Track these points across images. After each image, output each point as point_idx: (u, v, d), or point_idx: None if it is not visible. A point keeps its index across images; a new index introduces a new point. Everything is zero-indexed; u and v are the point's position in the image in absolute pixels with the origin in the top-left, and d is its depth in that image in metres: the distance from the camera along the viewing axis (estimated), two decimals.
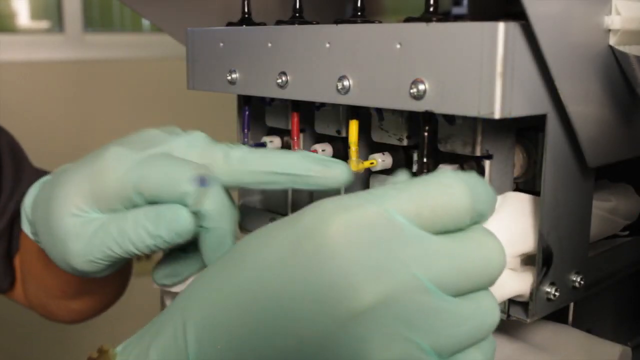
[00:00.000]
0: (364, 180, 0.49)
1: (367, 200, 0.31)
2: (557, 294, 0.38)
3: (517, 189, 0.44)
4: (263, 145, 0.54)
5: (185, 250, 0.48)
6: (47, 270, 0.68)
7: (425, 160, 0.40)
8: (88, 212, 0.44)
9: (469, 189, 0.32)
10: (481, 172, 0.40)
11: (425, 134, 0.39)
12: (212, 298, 0.33)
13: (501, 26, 0.33)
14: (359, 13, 0.43)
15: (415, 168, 0.45)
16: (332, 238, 0.30)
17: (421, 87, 0.36)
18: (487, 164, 0.40)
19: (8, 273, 0.73)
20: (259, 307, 0.31)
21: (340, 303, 0.30)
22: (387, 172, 0.46)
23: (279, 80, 0.44)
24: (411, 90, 0.36)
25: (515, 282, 0.38)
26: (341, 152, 0.50)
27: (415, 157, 0.45)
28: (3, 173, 0.72)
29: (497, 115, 0.33)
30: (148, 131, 0.47)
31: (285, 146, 0.55)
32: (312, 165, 0.42)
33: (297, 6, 0.48)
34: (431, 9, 0.38)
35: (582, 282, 0.40)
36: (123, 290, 0.75)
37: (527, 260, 0.40)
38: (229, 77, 0.49)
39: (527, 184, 0.44)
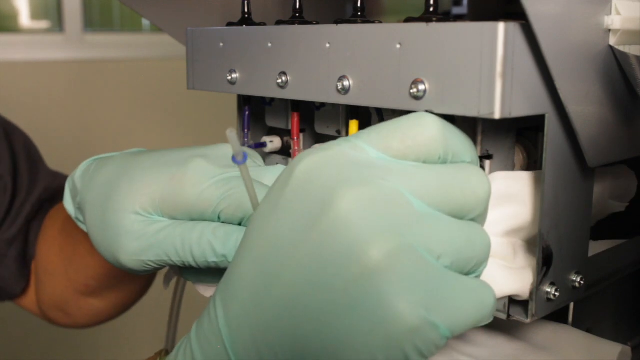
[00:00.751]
0: None
1: (340, 140, 0.32)
2: (557, 294, 0.38)
3: None
4: (263, 145, 0.54)
5: None
6: (71, 265, 0.68)
7: None
8: (152, 214, 0.44)
9: (440, 122, 0.32)
10: None
11: None
12: (235, 271, 0.34)
13: (501, 26, 0.33)
14: (359, 13, 0.43)
15: None
16: (302, 171, 0.32)
17: (421, 87, 0.36)
18: (487, 164, 0.40)
19: (22, 276, 0.72)
20: (267, 256, 0.32)
21: (324, 213, 0.30)
22: None
23: (279, 80, 0.44)
24: (411, 90, 0.36)
25: (513, 281, 0.38)
26: None
27: None
28: (19, 175, 0.71)
29: (497, 115, 0.33)
30: (228, 147, 0.47)
31: (286, 146, 0.55)
32: None
33: (297, 6, 0.48)
34: (431, 9, 0.38)
35: (582, 282, 0.40)
36: (146, 290, 0.75)
37: (525, 247, 0.39)
38: (229, 77, 0.49)
39: None
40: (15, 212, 0.70)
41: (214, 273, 0.48)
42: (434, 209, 0.30)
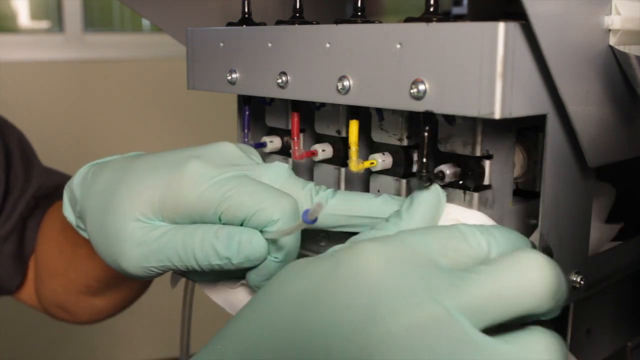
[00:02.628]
0: (364, 181, 0.49)
1: (403, 241, 0.32)
2: None
3: (517, 189, 0.44)
4: (263, 145, 0.54)
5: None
6: (71, 266, 0.68)
7: (425, 160, 0.40)
8: (152, 219, 0.43)
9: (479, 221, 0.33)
10: (481, 172, 0.40)
11: (425, 134, 0.39)
12: (249, 330, 0.34)
13: (501, 26, 0.33)
14: (359, 13, 0.43)
15: (415, 168, 0.45)
16: (364, 267, 0.31)
17: (421, 87, 0.36)
18: (487, 164, 0.40)
19: (18, 273, 0.72)
20: (292, 338, 0.32)
21: (369, 329, 0.30)
22: (387, 172, 0.46)
23: (279, 80, 0.44)
24: (411, 90, 0.36)
25: None
26: (341, 152, 0.50)
27: (415, 157, 0.45)
28: (13, 172, 0.72)
29: (497, 115, 0.33)
30: (226, 146, 0.46)
31: (286, 146, 0.55)
32: (392, 209, 0.41)
33: (297, 6, 0.48)
34: (431, 9, 0.38)
35: (582, 282, 0.40)
36: (147, 287, 0.74)
37: None
38: (229, 77, 0.49)
39: (527, 184, 0.44)
40: (9, 209, 0.70)
41: (218, 273, 0.48)
42: (486, 324, 0.30)
